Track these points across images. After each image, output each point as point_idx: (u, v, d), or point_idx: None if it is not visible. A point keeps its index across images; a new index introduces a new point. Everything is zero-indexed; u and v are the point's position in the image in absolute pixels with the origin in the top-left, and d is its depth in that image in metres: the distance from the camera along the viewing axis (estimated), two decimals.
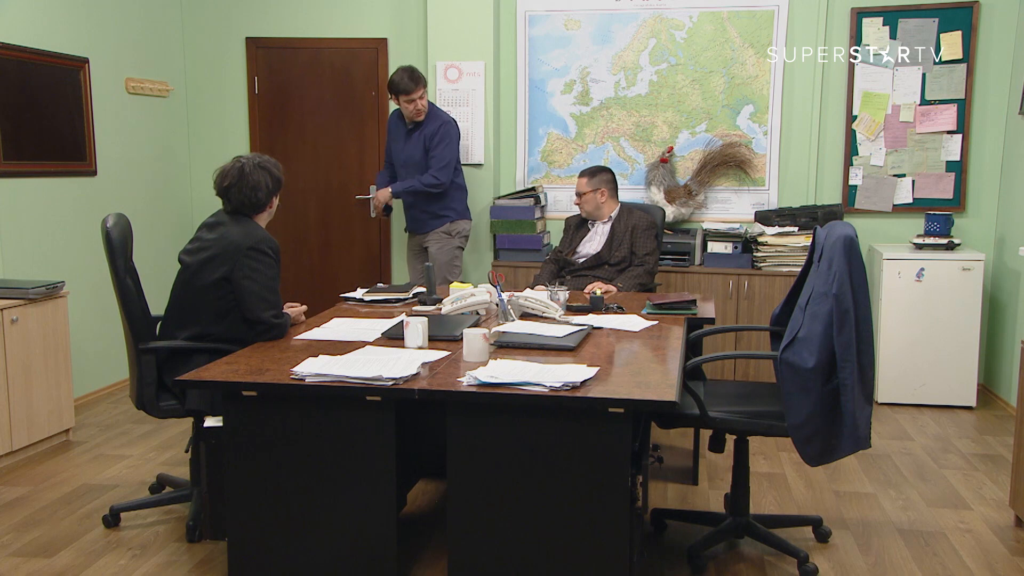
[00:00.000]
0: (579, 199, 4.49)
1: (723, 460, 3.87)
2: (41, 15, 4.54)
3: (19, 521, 3.34)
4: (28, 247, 4.47)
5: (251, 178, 3.16)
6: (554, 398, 2.36)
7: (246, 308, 3.06)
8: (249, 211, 3.20)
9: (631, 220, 4.41)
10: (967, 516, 3.41)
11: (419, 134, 4.86)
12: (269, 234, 3.18)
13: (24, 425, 3.96)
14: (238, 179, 3.15)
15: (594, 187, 4.43)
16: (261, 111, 5.83)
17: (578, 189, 4.49)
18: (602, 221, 4.48)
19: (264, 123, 5.84)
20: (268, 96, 5.82)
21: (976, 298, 4.71)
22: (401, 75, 4.74)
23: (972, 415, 4.72)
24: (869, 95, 5.18)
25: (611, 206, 4.47)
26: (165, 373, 3.12)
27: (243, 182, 3.15)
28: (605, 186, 4.45)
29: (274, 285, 3.12)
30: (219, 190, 3.20)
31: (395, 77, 4.76)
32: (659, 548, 3.13)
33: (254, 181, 3.16)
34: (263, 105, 5.82)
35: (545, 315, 3.35)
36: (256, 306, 3.04)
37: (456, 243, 5.02)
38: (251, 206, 3.19)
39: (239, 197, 3.16)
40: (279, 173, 3.27)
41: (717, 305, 4.70)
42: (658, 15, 5.32)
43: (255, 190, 3.16)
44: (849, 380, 2.60)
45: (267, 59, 5.81)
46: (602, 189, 4.44)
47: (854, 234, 2.68)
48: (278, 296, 3.12)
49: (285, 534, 2.60)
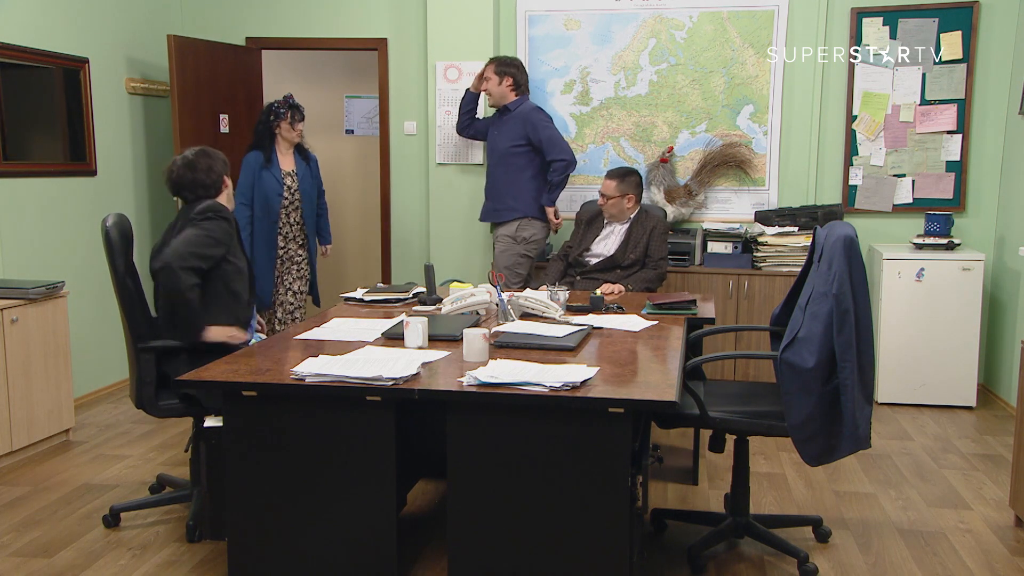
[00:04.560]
0: (604, 200, 4.38)
1: (723, 460, 3.87)
2: (41, 15, 4.54)
3: (19, 521, 3.34)
4: (28, 247, 4.47)
5: (199, 164, 3.26)
6: (554, 398, 2.36)
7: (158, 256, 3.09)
8: (209, 195, 3.28)
9: (649, 222, 4.36)
10: (967, 516, 3.41)
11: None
12: (223, 205, 3.26)
13: (24, 425, 3.96)
14: (187, 169, 3.24)
15: (623, 192, 4.34)
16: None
17: (604, 191, 4.38)
18: (621, 222, 4.45)
19: None
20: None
21: (976, 298, 4.71)
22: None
23: (972, 415, 4.72)
24: (869, 95, 5.18)
25: (635, 210, 4.43)
26: (172, 373, 3.13)
27: (193, 170, 3.24)
28: (634, 191, 4.36)
29: (201, 244, 3.10)
30: (174, 189, 3.29)
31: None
32: (659, 548, 3.13)
33: (204, 165, 3.26)
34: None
35: (545, 315, 3.35)
36: (168, 253, 3.05)
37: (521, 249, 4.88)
38: (208, 187, 3.27)
39: (194, 182, 3.24)
40: (220, 153, 3.37)
41: (717, 305, 4.70)
42: (658, 15, 5.32)
43: (208, 171, 3.26)
44: (849, 380, 2.60)
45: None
46: (631, 195, 4.35)
47: (854, 234, 2.68)
48: (200, 259, 3.09)
49: (285, 534, 2.60)
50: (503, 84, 4.80)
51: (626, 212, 4.40)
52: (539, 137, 4.72)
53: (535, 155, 4.77)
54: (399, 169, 5.75)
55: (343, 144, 7.07)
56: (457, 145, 5.40)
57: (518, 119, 4.78)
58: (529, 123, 4.74)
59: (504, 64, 4.82)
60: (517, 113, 4.79)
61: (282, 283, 4.96)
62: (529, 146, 4.76)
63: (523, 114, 4.78)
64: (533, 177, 4.80)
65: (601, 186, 4.44)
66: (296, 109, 4.85)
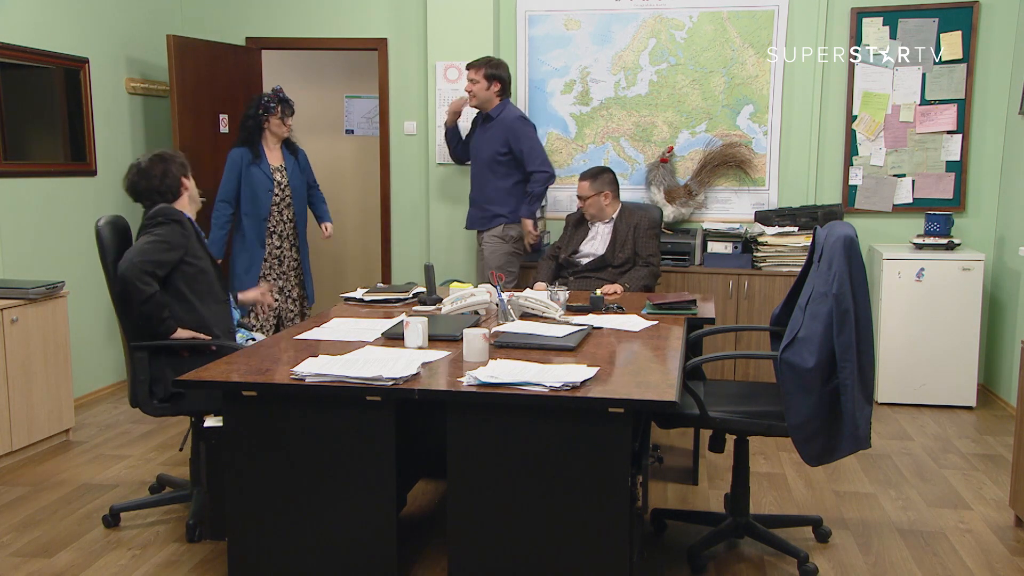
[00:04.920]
0: (582, 203, 4.43)
1: (723, 460, 3.87)
2: (41, 15, 4.54)
3: (19, 521, 3.34)
4: (28, 247, 4.47)
5: (153, 171, 3.24)
6: (554, 398, 2.36)
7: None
8: (169, 200, 3.25)
9: (632, 219, 4.40)
10: (967, 516, 3.41)
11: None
12: (175, 208, 3.23)
13: (24, 425, 3.96)
14: (142, 177, 3.23)
15: (597, 190, 4.39)
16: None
17: (580, 193, 4.43)
18: (603, 221, 4.47)
19: None
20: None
21: (976, 298, 4.71)
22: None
23: (972, 415, 4.72)
24: (869, 95, 5.18)
25: (615, 207, 4.45)
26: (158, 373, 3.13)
27: (148, 177, 3.23)
28: (608, 188, 4.41)
29: (153, 251, 3.09)
30: (133, 197, 3.27)
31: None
32: (659, 548, 3.13)
33: (158, 171, 3.24)
34: None
35: (545, 315, 3.35)
36: (122, 264, 3.05)
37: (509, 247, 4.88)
38: (165, 193, 3.25)
39: (150, 189, 3.23)
40: (177, 156, 3.34)
41: (717, 305, 4.70)
42: (658, 15, 5.32)
43: (164, 177, 3.24)
44: (849, 380, 2.60)
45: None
46: (606, 192, 4.39)
47: (854, 234, 2.68)
48: (155, 266, 3.08)
49: (285, 534, 2.60)
50: (491, 89, 4.76)
51: (606, 210, 4.42)
52: (520, 147, 4.71)
53: (518, 163, 4.77)
54: (399, 169, 5.75)
55: (343, 144, 7.07)
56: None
57: (500, 127, 4.75)
58: (512, 132, 4.72)
59: (494, 67, 4.77)
60: (499, 121, 4.76)
61: (280, 289, 4.82)
62: (511, 154, 4.75)
63: (506, 122, 4.74)
64: (517, 183, 4.81)
65: (576, 189, 4.48)
66: (286, 103, 4.75)
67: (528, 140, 4.72)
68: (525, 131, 4.74)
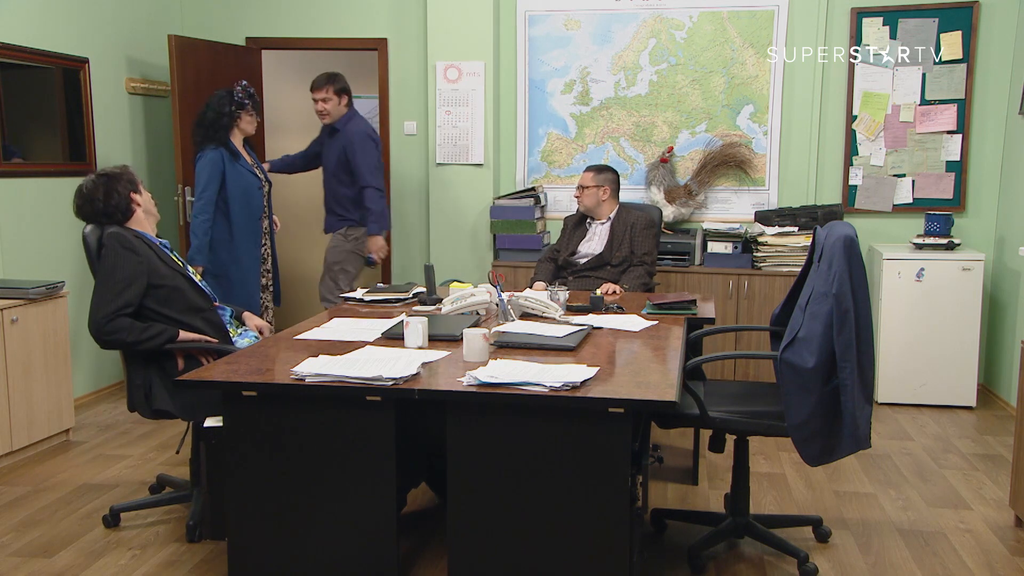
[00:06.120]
0: (580, 192, 4.46)
1: (723, 460, 3.87)
2: (41, 15, 4.54)
3: (19, 521, 3.34)
4: (28, 247, 4.47)
5: (96, 194, 3.14)
6: (554, 398, 2.36)
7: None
8: (120, 220, 3.18)
9: (629, 219, 4.41)
10: (967, 516, 3.41)
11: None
12: (121, 230, 3.12)
13: (24, 425, 3.96)
14: (86, 202, 3.15)
15: (598, 183, 4.42)
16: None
17: (582, 182, 4.47)
18: (600, 221, 4.48)
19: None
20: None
21: (976, 298, 4.71)
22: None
23: (972, 415, 4.72)
24: (869, 95, 5.18)
25: (611, 206, 4.47)
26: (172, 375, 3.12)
27: (92, 202, 3.15)
28: (609, 185, 4.44)
29: (114, 294, 2.99)
30: (85, 221, 3.20)
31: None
32: (659, 548, 3.13)
33: (102, 193, 3.14)
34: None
35: (545, 315, 3.35)
36: (90, 318, 2.99)
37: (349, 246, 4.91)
38: (113, 215, 3.16)
39: (97, 213, 3.15)
40: (124, 173, 3.22)
41: (717, 305, 4.70)
42: (658, 15, 5.33)
43: (108, 197, 3.14)
44: (849, 380, 2.60)
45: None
46: (606, 187, 4.43)
47: (854, 234, 2.68)
48: (122, 308, 2.98)
49: (285, 534, 2.60)
50: (342, 103, 4.82)
51: (602, 206, 4.44)
52: (355, 161, 4.74)
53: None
54: (399, 169, 5.75)
55: None
56: (457, 145, 5.41)
57: (343, 139, 4.79)
58: (350, 146, 4.75)
59: (338, 81, 4.81)
60: (343, 133, 4.80)
61: (264, 286, 4.64)
62: (350, 165, 4.80)
63: (348, 136, 4.78)
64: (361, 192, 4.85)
65: (580, 178, 4.51)
66: (254, 99, 4.55)
67: (362, 155, 4.75)
68: (363, 147, 4.76)
